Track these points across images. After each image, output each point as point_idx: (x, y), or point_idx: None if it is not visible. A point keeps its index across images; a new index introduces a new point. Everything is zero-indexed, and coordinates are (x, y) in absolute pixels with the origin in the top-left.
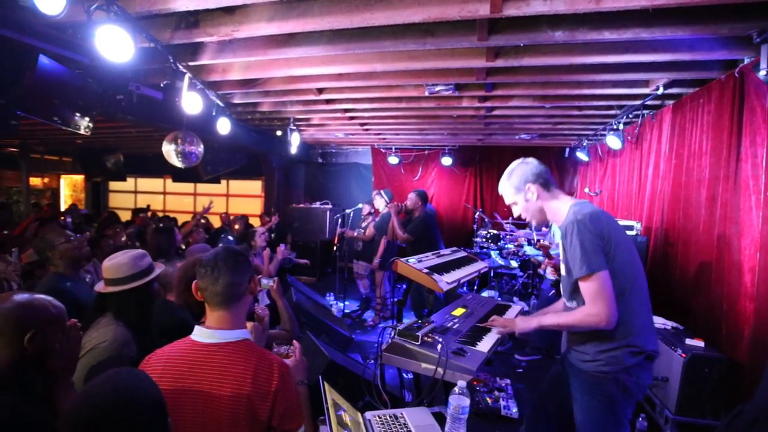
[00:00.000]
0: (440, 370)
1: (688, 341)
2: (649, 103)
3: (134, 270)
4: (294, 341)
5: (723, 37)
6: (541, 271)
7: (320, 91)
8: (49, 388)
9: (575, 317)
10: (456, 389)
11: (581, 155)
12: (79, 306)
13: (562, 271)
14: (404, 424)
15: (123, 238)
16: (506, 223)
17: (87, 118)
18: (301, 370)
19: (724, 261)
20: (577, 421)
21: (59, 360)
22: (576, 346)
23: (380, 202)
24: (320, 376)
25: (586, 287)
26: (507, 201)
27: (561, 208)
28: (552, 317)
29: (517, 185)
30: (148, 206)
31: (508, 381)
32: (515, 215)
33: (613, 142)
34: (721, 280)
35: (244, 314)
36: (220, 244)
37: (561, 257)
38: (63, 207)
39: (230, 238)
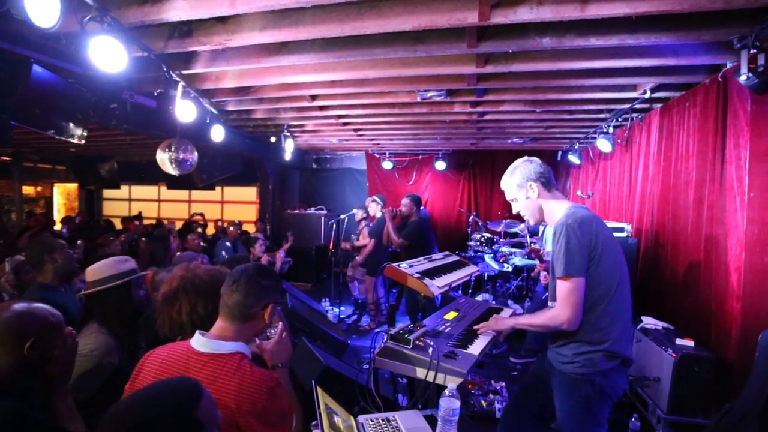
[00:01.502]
0: (431, 372)
1: (679, 341)
2: (637, 106)
3: (113, 271)
4: (280, 322)
5: (706, 43)
6: (534, 274)
7: (313, 97)
8: (46, 393)
9: (543, 318)
10: (446, 392)
11: (573, 158)
12: (68, 317)
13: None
14: (396, 427)
15: (119, 248)
16: (500, 224)
17: (81, 127)
18: (279, 352)
19: (711, 261)
20: (558, 419)
21: (57, 366)
22: (555, 348)
23: (375, 208)
24: (313, 382)
25: (560, 287)
26: (508, 197)
27: (558, 209)
28: (525, 317)
29: (519, 182)
30: (140, 213)
31: (503, 384)
32: (514, 212)
33: (603, 145)
34: (709, 281)
35: (248, 333)
36: (222, 251)
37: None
38: (56, 216)
39: (228, 244)
